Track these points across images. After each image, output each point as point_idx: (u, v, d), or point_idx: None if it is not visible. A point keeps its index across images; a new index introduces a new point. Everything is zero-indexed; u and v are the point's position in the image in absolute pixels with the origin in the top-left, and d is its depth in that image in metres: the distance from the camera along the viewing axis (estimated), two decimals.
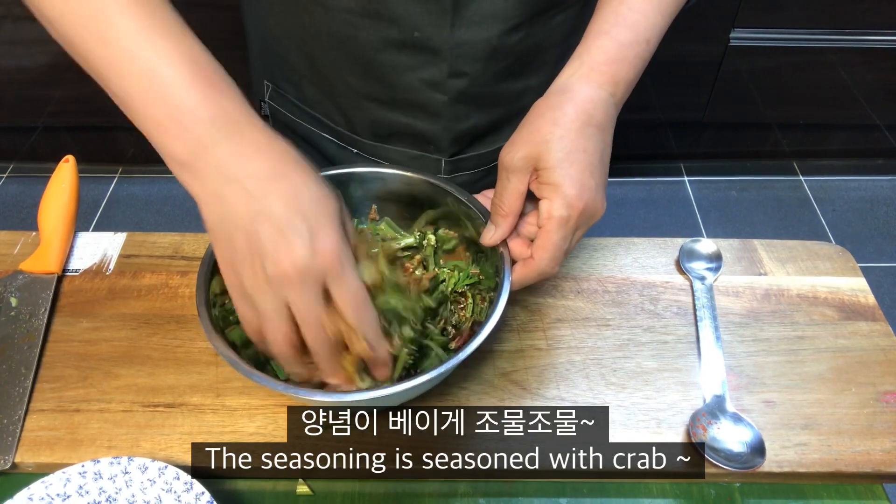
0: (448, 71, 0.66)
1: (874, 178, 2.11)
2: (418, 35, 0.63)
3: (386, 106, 0.70)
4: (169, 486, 0.51)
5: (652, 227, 1.97)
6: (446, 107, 0.68)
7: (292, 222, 0.44)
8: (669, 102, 1.88)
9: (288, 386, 0.51)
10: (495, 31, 0.63)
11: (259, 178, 0.45)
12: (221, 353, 0.52)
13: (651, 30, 0.58)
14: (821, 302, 0.69)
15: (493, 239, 0.58)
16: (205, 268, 0.56)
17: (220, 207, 0.45)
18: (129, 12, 0.44)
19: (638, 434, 0.58)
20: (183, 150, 0.45)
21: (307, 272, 0.44)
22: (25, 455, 0.56)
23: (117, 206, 1.99)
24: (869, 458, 0.57)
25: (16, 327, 0.64)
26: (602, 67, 0.56)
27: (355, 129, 0.74)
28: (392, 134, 0.73)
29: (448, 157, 0.73)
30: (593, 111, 0.55)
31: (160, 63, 0.44)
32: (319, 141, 0.78)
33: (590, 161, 0.54)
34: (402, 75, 0.66)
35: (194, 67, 0.45)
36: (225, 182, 0.45)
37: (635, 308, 0.68)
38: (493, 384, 0.61)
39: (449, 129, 0.71)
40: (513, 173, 0.56)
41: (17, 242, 0.73)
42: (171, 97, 0.44)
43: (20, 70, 1.75)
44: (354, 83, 0.69)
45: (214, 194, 0.45)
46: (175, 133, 0.44)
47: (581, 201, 0.53)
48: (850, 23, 1.69)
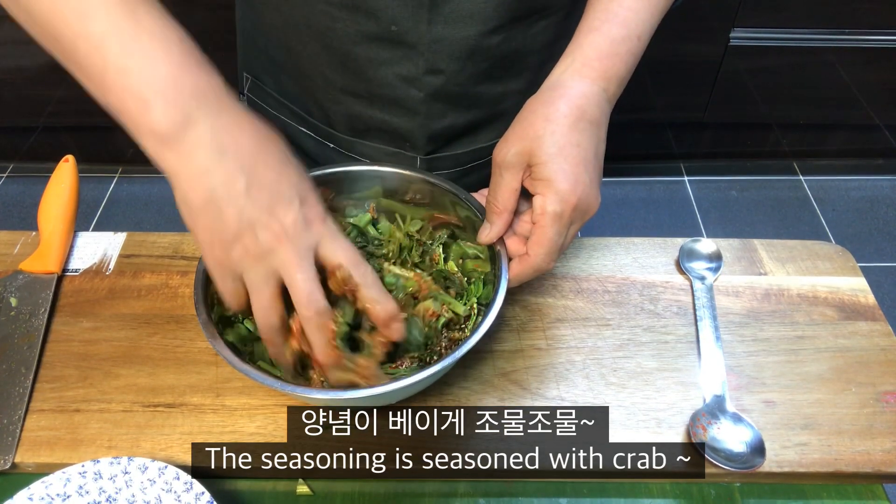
0: (424, 67, 0.65)
1: (874, 178, 2.11)
2: (395, 29, 0.63)
3: (363, 100, 0.70)
4: (169, 486, 0.51)
5: (652, 227, 1.97)
6: (422, 104, 0.68)
7: (284, 192, 0.46)
8: (669, 102, 1.88)
9: (285, 384, 0.51)
10: (473, 31, 0.63)
11: (248, 151, 0.46)
12: (218, 350, 0.52)
13: (641, 26, 0.58)
14: (821, 302, 0.69)
15: (489, 237, 0.58)
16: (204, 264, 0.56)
17: (208, 182, 0.45)
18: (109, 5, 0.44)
19: (638, 434, 0.58)
20: (166, 123, 0.44)
21: (300, 237, 0.46)
22: (25, 455, 0.56)
23: (117, 206, 1.99)
24: (869, 458, 0.57)
25: (16, 327, 0.64)
26: (594, 63, 0.56)
27: (332, 124, 0.74)
28: (368, 129, 0.73)
29: (423, 156, 0.73)
30: (586, 106, 0.55)
31: (146, 38, 0.44)
32: (297, 135, 0.78)
33: (583, 156, 0.54)
34: (379, 69, 0.66)
35: (179, 44, 0.45)
36: (213, 156, 0.45)
37: (635, 308, 0.68)
38: (493, 384, 0.61)
39: (425, 127, 0.70)
40: (506, 170, 0.56)
41: (17, 242, 0.73)
42: (156, 71, 0.44)
43: (20, 70, 1.75)
44: (332, 76, 0.69)
45: (201, 170, 0.45)
46: (160, 107, 0.43)
47: (575, 196, 0.53)
48: (850, 23, 1.69)
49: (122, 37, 0.44)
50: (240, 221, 0.45)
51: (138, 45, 0.44)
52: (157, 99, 0.43)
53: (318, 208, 0.49)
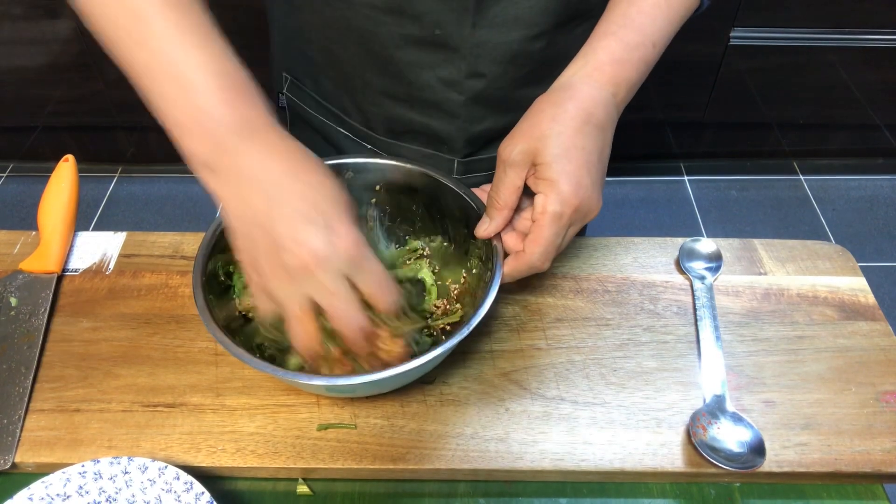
0: (466, 70, 0.65)
1: (874, 178, 2.11)
2: (439, 32, 0.63)
3: (402, 103, 0.70)
4: (169, 486, 0.51)
5: (652, 227, 1.97)
6: (462, 107, 0.68)
7: (309, 216, 0.46)
8: (669, 102, 1.88)
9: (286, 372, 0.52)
10: (517, 35, 0.63)
11: (275, 177, 0.47)
12: (219, 338, 0.52)
13: (657, 33, 0.58)
14: (821, 301, 0.69)
15: (487, 232, 0.58)
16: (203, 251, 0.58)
17: (240, 205, 0.47)
18: (166, 16, 0.47)
19: (638, 434, 0.58)
20: (205, 151, 0.47)
21: (327, 261, 0.46)
22: (25, 455, 0.56)
23: (117, 206, 1.99)
24: (869, 458, 0.57)
25: (16, 327, 0.64)
26: (605, 67, 0.57)
27: (370, 125, 0.74)
28: (407, 131, 0.73)
29: (461, 158, 0.73)
30: (593, 110, 0.55)
31: (191, 69, 0.46)
32: (334, 135, 0.78)
33: (587, 159, 0.54)
34: (421, 73, 0.66)
35: (222, 76, 0.47)
36: (244, 182, 0.47)
37: (635, 308, 0.68)
38: (493, 384, 0.61)
39: (464, 130, 0.71)
40: (510, 167, 0.56)
41: (16, 242, 0.73)
42: (197, 102, 0.47)
43: (20, 70, 1.75)
44: (372, 79, 0.69)
45: (234, 194, 0.48)
46: (198, 135, 0.47)
47: (576, 198, 0.53)
48: (850, 23, 1.69)
49: (174, 65, 0.47)
50: (268, 244, 0.46)
51: (187, 74, 0.47)
52: (196, 128, 0.47)
53: (347, 229, 0.47)
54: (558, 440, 0.58)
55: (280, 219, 0.46)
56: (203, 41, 0.48)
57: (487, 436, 0.58)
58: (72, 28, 1.65)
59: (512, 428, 0.58)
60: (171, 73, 0.47)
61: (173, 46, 0.47)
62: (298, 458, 0.56)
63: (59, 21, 1.65)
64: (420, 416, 0.59)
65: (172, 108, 0.47)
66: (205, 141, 0.47)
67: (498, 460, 0.56)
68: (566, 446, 0.57)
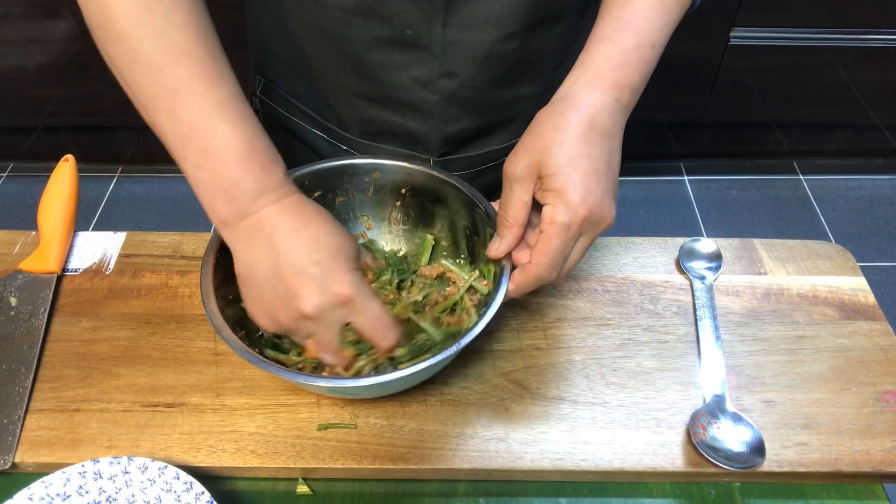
0: (438, 70, 0.65)
1: (874, 178, 2.11)
2: (410, 33, 0.63)
3: (376, 104, 0.70)
4: (169, 486, 0.51)
5: (652, 227, 1.97)
6: (437, 107, 0.68)
7: (309, 270, 0.51)
8: (669, 102, 1.88)
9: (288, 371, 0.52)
10: (488, 36, 0.63)
11: (283, 233, 0.51)
12: (225, 337, 0.53)
13: (655, 34, 0.57)
14: (821, 301, 0.69)
15: (499, 251, 0.57)
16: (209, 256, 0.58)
17: (251, 259, 0.52)
18: (198, 91, 0.51)
19: (638, 434, 0.58)
20: (226, 212, 0.52)
21: (323, 312, 0.51)
22: (25, 455, 0.56)
23: (117, 206, 1.99)
24: (869, 457, 0.57)
25: (16, 327, 0.64)
26: (606, 73, 0.55)
27: (345, 126, 0.74)
28: (382, 132, 0.73)
29: (437, 158, 0.73)
30: (597, 116, 0.54)
31: (222, 146, 0.51)
32: (309, 137, 0.78)
33: (594, 167, 0.53)
34: (394, 73, 0.66)
35: (248, 148, 0.52)
36: (255, 239, 0.52)
37: (635, 307, 0.68)
38: (493, 384, 0.61)
39: (439, 130, 0.70)
40: (516, 183, 0.54)
41: (16, 242, 0.73)
42: (224, 173, 0.51)
43: (20, 70, 1.75)
44: (345, 80, 0.69)
45: (246, 249, 0.53)
46: (221, 199, 0.52)
47: (585, 207, 0.52)
48: (850, 23, 1.69)
49: (204, 138, 0.51)
50: (275, 295, 0.52)
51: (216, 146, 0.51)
52: (221, 194, 0.51)
53: (342, 280, 0.51)
54: (558, 440, 0.58)
55: (285, 274, 0.51)
56: (233, 116, 0.51)
57: (487, 436, 0.58)
58: (72, 28, 1.65)
59: (512, 428, 0.58)
60: (203, 147, 0.51)
61: (206, 124, 0.51)
62: (298, 457, 0.56)
63: (59, 21, 1.65)
64: (420, 416, 0.59)
65: (200, 173, 0.52)
66: (228, 205, 0.51)
67: (498, 460, 0.56)
68: (566, 446, 0.57)
